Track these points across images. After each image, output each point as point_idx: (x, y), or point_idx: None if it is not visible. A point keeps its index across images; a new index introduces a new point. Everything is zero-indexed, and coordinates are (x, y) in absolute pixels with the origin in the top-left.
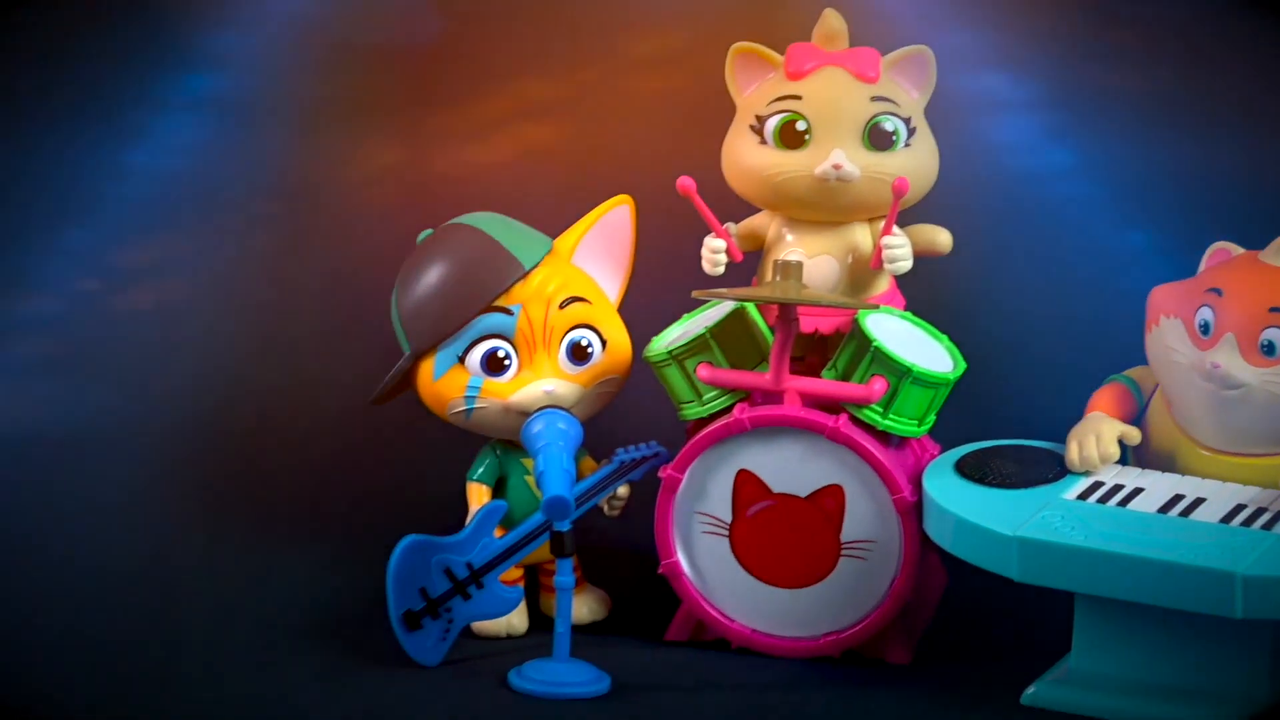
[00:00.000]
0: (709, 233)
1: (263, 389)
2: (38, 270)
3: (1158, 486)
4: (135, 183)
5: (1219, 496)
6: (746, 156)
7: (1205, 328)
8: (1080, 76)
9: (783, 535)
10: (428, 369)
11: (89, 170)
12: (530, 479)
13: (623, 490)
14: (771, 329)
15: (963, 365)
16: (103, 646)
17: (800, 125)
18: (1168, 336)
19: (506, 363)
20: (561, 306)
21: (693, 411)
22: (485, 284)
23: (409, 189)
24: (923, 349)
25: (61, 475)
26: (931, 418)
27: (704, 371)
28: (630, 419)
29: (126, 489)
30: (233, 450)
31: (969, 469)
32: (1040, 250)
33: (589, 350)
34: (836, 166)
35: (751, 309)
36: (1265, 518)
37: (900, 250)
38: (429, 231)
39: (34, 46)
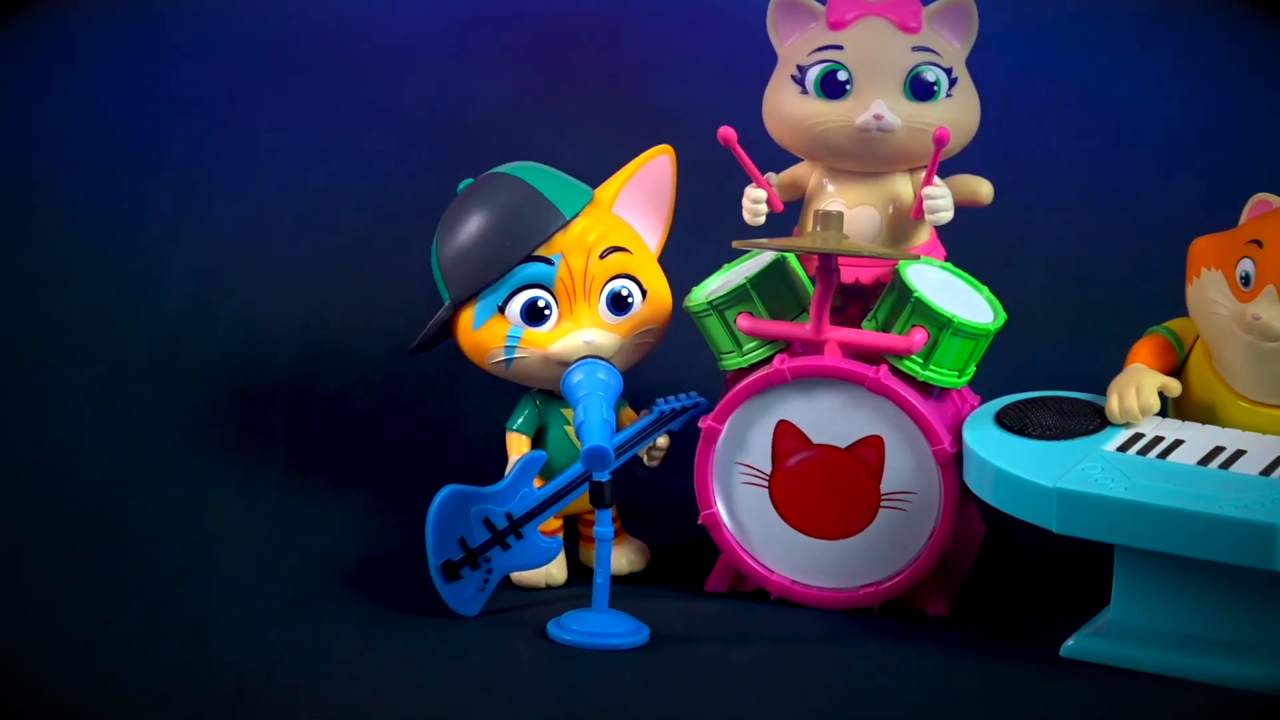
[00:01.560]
0: (750, 182)
1: (302, 337)
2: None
3: (1198, 439)
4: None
5: (1260, 449)
6: (787, 106)
7: (1246, 279)
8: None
9: (822, 486)
10: (468, 318)
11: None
12: (570, 429)
13: (662, 441)
14: (812, 279)
15: (1003, 316)
16: (141, 594)
17: (841, 75)
18: (1209, 288)
19: (547, 312)
20: (602, 256)
21: (733, 362)
22: (526, 233)
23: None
24: (963, 300)
25: (100, 422)
26: (972, 369)
27: (744, 322)
28: (670, 369)
29: (166, 439)
30: (272, 399)
31: (1009, 420)
32: (1081, 201)
33: (629, 300)
34: (878, 117)
35: (792, 259)
36: None
37: (941, 201)
38: (469, 180)
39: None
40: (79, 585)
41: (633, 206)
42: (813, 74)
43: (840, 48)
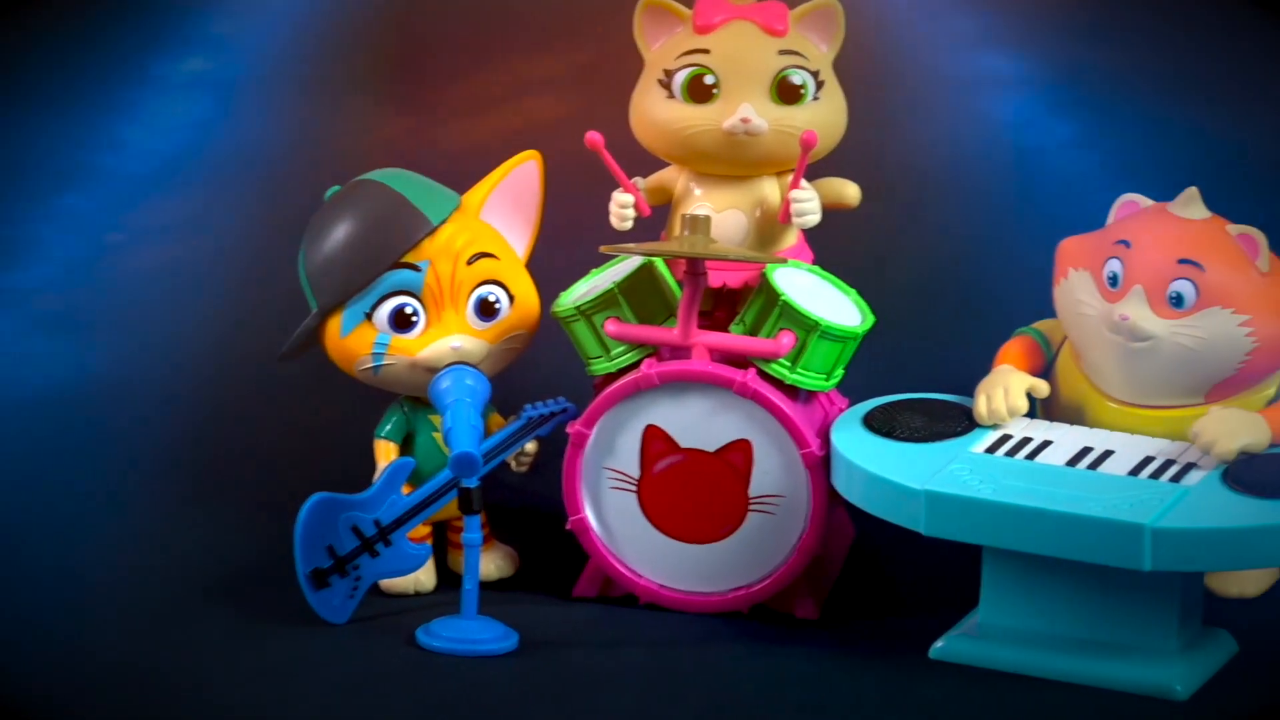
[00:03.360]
0: (617, 187)
1: (170, 346)
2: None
3: (1066, 439)
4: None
5: (1127, 449)
6: (654, 111)
7: (1114, 279)
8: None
9: (690, 490)
10: (335, 326)
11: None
12: (438, 435)
13: (530, 446)
14: (679, 283)
15: (871, 319)
16: (9, 606)
17: (708, 79)
18: (1076, 289)
19: (414, 319)
20: (469, 262)
21: (601, 367)
22: (392, 240)
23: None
24: (831, 303)
25: None
26: (840, 372)
27: (612, 327)
28: (538, 375)
29: (32, 448)
30: (141, 409)
31: (877, 423)
32: (949, 203)
33: (497, 306)
34: (744, 120)
35: (659, 264)
36: (1173, 470)
37: (808, 204)
38: (337, 188)
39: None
40: None
41: (500, 212)
42: (680, 78)
43: (707, 51)
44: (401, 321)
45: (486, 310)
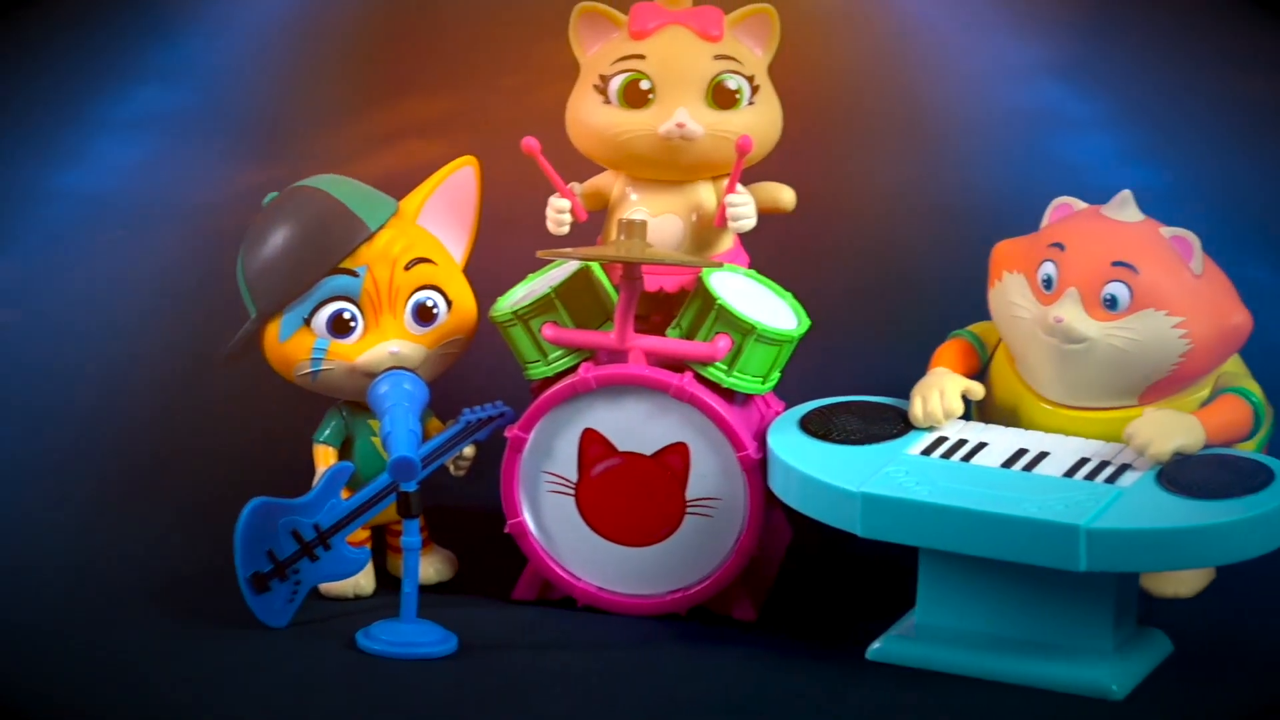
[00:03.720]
0: (554, 192)
1: (111, 351)
2: None
3: (1001, 441)
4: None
5: (1062, 450)
6: (590, 116)
7: (1048, 282)
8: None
9: (628, 493)
10: (274, 331)
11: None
12: (377, 440)
13: (469, 450)
14: (616, 288)
15: (807, 322)
16: None
17: (644, 84)
18: (1010, 291)
19: (352, 324)
20: (407, 268)
21: (538, 371)
22: (330, 246)
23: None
24: (767, 306)
25: None
26: (776, 375)
27: (549, 331)
28: (476, 379)
29: None
30: (80, 414)
31: (813, 426)
32: (884, 206)
33: (434, 311)
34: (680, 125)
35: (596, 268)
36: (1108, 471)
37: (744, 208)
38: (275, 194)
39: None
40: None
41: (437, 218)
42: (615, 83)
43: (642, 57)
44: (339, 326)
45: (424, 315)
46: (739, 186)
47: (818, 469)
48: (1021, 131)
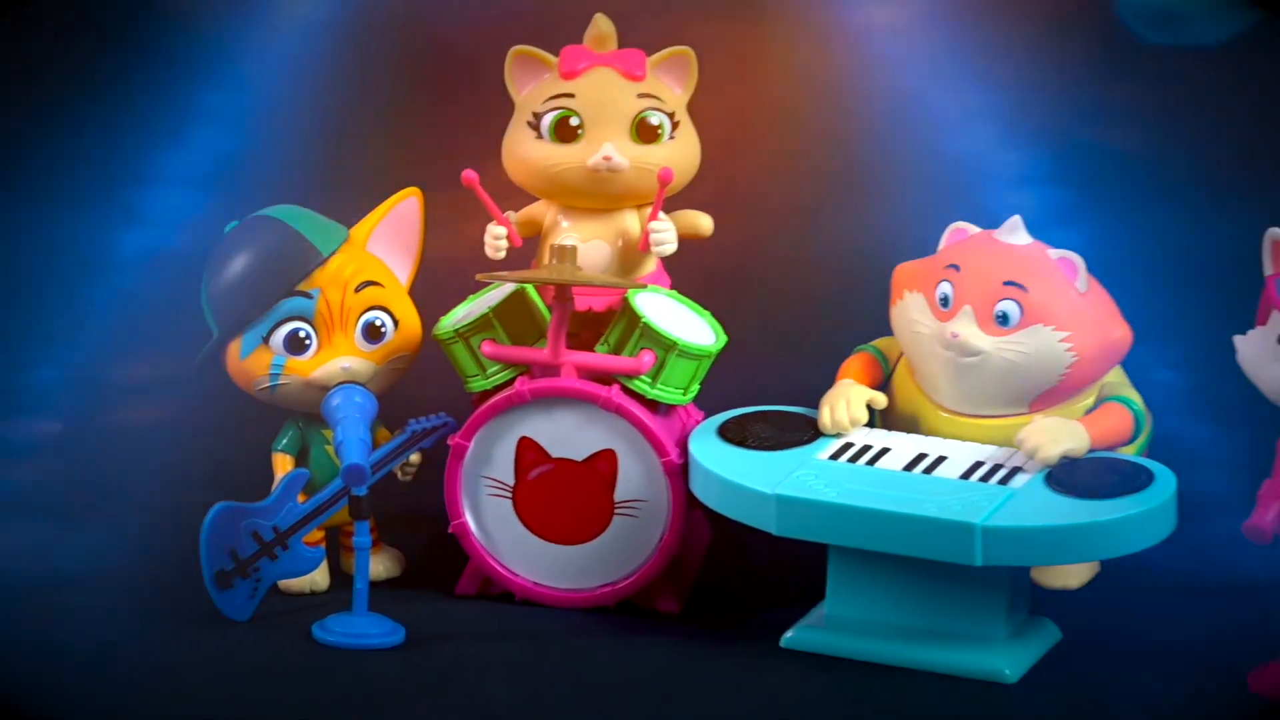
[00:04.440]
0: (491, 220)
1: (88, 366)
2: None
3: (903, 446)
4: None
5: (959, 455)
6: (524, 150)
7: (945, 300)
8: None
9: (561, 496)
10: (235, 349)
11: None
12: (330, 449)
13: (415, 457)
14: (549, 308)
15: (724, 339)
16: None
17: (573, 121)
18: (911, 309)
19: (307, 342)
20: (357, 290)
21: (478, 384)
22: (287, 271)
23: None
24: (687, 324)
25: None
26: (696, 387)
27: (488, 348)
28: (421, 392)
29: None
30: (55, 420)
31: (730, 433)
32: (793, 231)
33: (382, 330)
34: (607, 158)
35: (531, 290)
36: (1001, 473)
37: (666, 234)
38: (235, 223)
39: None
40: None
41: (385, 244)
42: (547, 120)
43: (572, 95)
44: (295, 344)
45: (373, 333)
46: (661, 214)
47: (735, 473)
48: (931, 172)
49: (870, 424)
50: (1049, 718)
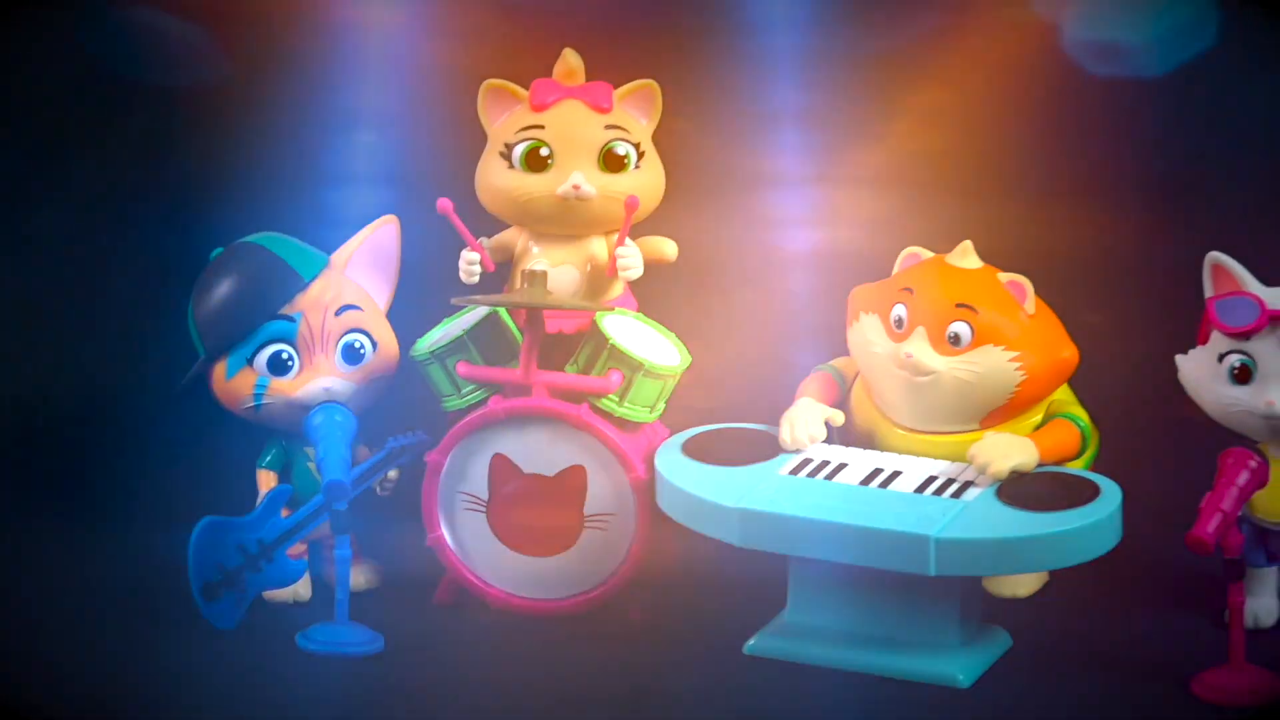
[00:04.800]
0: (465, 246)
1: (81, 387)
2: None
3: (860, 462)
4: None
5: (913, 470)
6: (497, 179)
7: (899, 322)
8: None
9: (533, 510)
10: (221, 370)
11: None
12: (312, 465)
13: (393, 473)
14: (521, 330)
15: (688, 359)
16: None
17: (543, 151)
18: (867, 330)
19: (290, 364)
20: (337, 314)
21: (453, 403)
22: (270, 296)
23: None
24: (653, 345)
25: None
26: (662, 405)
27: (463, 368)
28: (399, 410)
29: None
30: (53, 443)
31: (695, 450)
32: (753, 257)
33: (362, 351)
34: (575, 187)
35: (503, 313)
36: (954, 487)
37: (632, 259)
38: (220, 250)
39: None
40: None
41: (363, 269)
42: (518, 150)
43: (542, 127)
44: (278, 366)
45: (352, 355)
46: (628, 240)
47: (699, 488)
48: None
49: (829, 440)
50: None
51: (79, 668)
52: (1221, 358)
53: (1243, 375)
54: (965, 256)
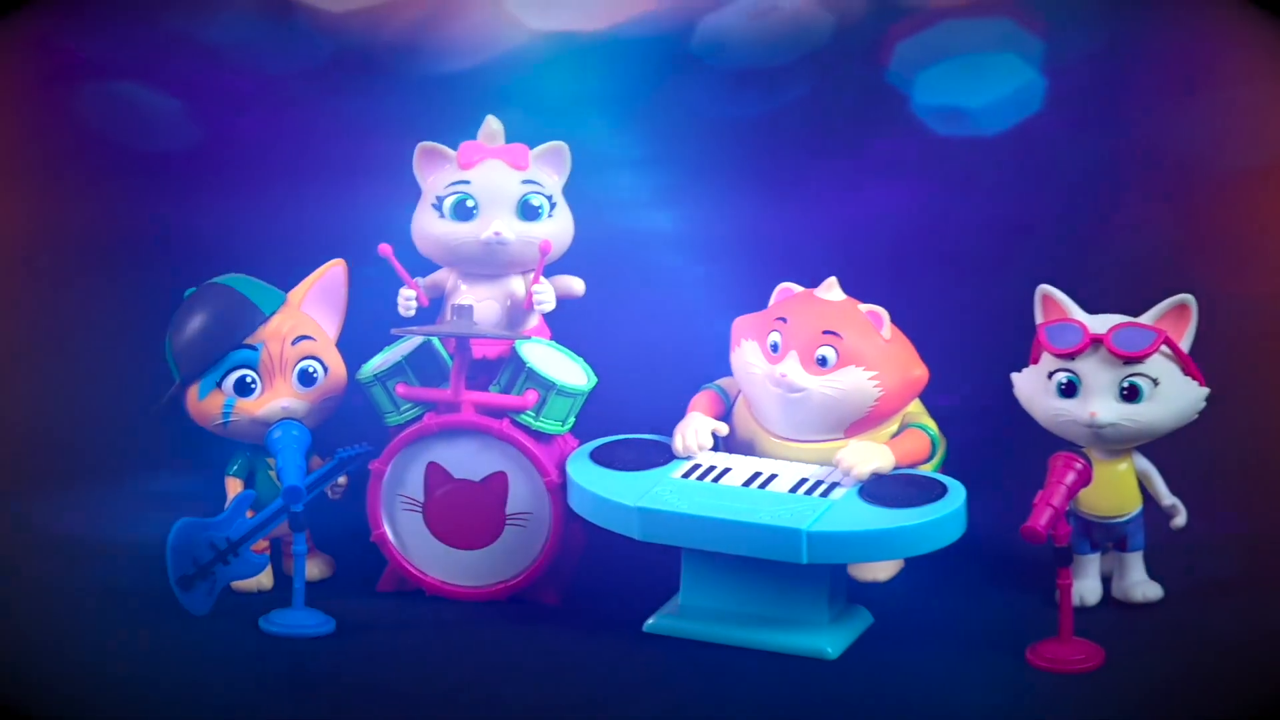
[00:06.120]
0: (403, 285)
1: (73, 407)
2: None
3: (742, 466)
4: None
5: (787, 473)
6: (429, 227)
7: (775, 347)
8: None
9: (462, 510)
10: (194, 392)
11: None
12: (273, 473)
13: (342, 480)
14: (451, 356)
15: (594, 379)
16: None
17: (469, 203)
18: (747, 354)
19: (253, 386)
20: (293, 343)
21: (393, 419)
22: (235, 328)
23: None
24: (564, 368)
25: None
26: (572, 419)
27: (401, 389)
28: (347, 426)
29: None
30: (48, 456)
31: (600, 457)
32: (648, 287)
33: (315, 375)
34: (496, 234)
35: (436, 341)
36: (822, 488)
37: (546, 295)
38: (193, 289)
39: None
40: None
41: (316, 305)
42: (448, 202)
43: (468, 182)
44: (243, 388)
45: (307, 379)
46: (542, 279)
47: (604, 489)
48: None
49: (715, 448)
50: (864, 688)
51: (69, 649)
52: (1051, 375)
53: (1069, 390)
54: (830, 290)
